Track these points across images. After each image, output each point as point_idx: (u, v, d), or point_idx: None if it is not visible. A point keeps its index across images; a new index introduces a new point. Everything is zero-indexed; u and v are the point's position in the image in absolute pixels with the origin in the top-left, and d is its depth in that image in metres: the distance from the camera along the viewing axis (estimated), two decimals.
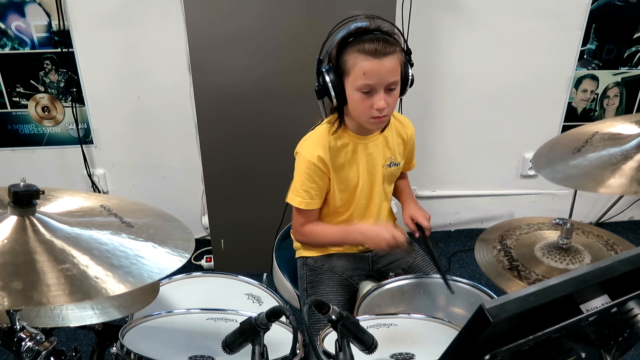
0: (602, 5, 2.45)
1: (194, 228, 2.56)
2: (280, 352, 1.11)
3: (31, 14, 2.25)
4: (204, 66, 2.13)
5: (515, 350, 0.66)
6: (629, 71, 2.63)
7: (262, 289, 1.42)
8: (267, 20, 2.09)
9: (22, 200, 0.91)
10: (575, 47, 2.54)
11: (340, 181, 1.49)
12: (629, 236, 2.91)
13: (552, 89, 2.63)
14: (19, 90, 2.39)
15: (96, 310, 1.21)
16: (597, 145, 1.24)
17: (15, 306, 0.84)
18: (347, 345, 0.97)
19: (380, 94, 1.32)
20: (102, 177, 2.60)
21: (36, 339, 0.95)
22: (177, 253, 0.97)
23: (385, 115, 1.35)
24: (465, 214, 2.93)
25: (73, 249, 0.88)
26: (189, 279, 1.42)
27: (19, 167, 2.54)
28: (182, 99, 2.40)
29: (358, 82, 1.31)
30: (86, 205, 1.07)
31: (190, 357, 1.15)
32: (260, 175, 2.33)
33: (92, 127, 2.50)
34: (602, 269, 0.69)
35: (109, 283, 0.83)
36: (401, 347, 1.17)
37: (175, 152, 2.58)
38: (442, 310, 1.43)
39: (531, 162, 1.31)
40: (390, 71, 1.31)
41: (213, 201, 2.39)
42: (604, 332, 0.81)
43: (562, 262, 1.30)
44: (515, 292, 0.63)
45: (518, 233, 1.43)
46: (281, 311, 0.95)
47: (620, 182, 1.09)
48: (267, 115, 2.23)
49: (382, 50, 1.28)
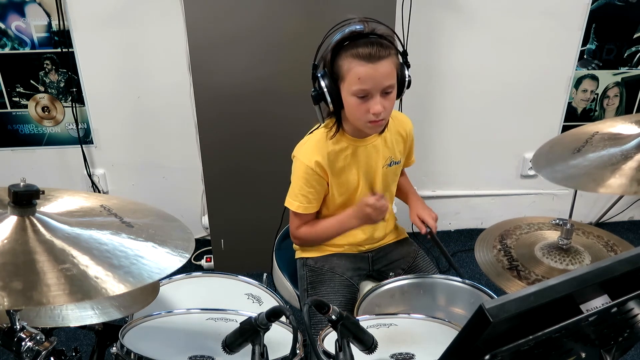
0: (602, 5, 2.45)
1: (194, 228, 2.56)
2: (280, 352, 1.11)
3: (31, 14, 2.25)
4: (204, 66, 2.13)
5: (515, 350, 0.66)
6: (629, 71, 2.63)
7: (262, 289, 1.42)
8: (267, 20, 2.09)
9: (22, 200, 0.91)
10: (575, 47, 2.54)
11: (340, 184, 1.49)
12: (629, 236, 2.91)
13: (552, 89, 2.63)
14: (19, 90, 2.39)
15: (96, 310, 1.21)
16: (597, 145, 1.24)
17: (15, 306, 0.84)
18: (347, 345, 0.97)
19: (376, 98, 1.31)
20: (102, 177, 2.60)
21: (36, 339, 0.95)
22: (177, 253, 0.97)
23: (383, 119, 1.35)
24: (465, 214, 2.93)
25: (73, 249, 0.88)
26: (189, 279, 1.42)
27: (19, 167, 2.54)
28: (182, 99, 2.40)
29: (353, 87, 1.30)
30: (86, 205, 1.07)
31: (190, 357, 1.15)
32: (260, 175, 2.33)
33: (92, 127, 2.50)
34: (602, 269, 0.69)
35: (109, 283, 0.83)
36: (401, 347, 1.17)
37: (175, 152, 2.58)
38: (442, 310, 1.43)
39: (531, 162, 1.31)
40: (386, 75, 1.30)
41: (213, 201, 2.39)
42: (604, 332, 0.81)
43: (562, 262, 1.29)
44: (515, 292, 0.63)
45: (518, 233, 1.43)
46: (281, 311, 0.95)
47: (620, 182, 1.09)
48: (267, 115, 2.23)
49: (377, 55, 1.27)
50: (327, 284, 1.52)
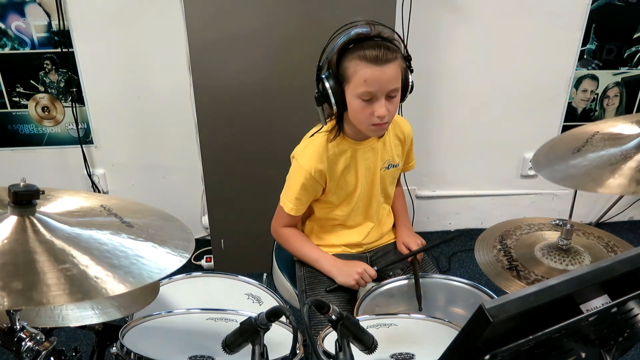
0: (602, 5, 2.45)
1: (194, 228, 2.57)
2: (280, 352, 1.11)
3: (31, 14, 2.25)
4: (204, 66, 2.13)
5: (515, 350, 0.66)
6: (629, 71, 2.63)
7: (262, 289, 1.42)
8: (267, 21, 2.08)
9: (22, 200, 0.91)
10: (575, 47, 2.54)
11: (339, 186, 1.49)
12: (629, 236, 2.91)
13: (552, 89, 2.63)
14: (19, 90, 2.39)
15: (96, 310, 1.21)
16: (597, 145, 1.23)
17: (15, 306, 0.83)
18: (347, 345, 0.97)
19: (381, 102, 1.31)
20: (102, 177, 2.60)
21: (36, 339, 0.95)
22: (177, 253, 0.96)
23: (386, 122, 1.35)
24: (465, 214, 2.93)
25: (73, 249, 0.88)
26: (189, 279, 1.42)
27: (19, 167, 2.54)
28: (182, 99, 2.40)
29: (359, 89, 1.30)
30: (86, 205, 1.07)
31: (190, 357, 1.15)
32: (260, 175, 2.33)
33: (92, 127, 2.50)
34: (602, 269, 0.69)
35: (109, 283, 0.83)
36: (401, 347, 1.17)
37: (175, 152, 2.58)
38: (442, 310, 1.43)
39: (531, 162, 1.31)
40: (391, 78, 1.30)
41: (213, 201, 2.39)
42: (604, 332, 0.81)
43: (561, 263, 1.29)
44: (515, 292, 0.63)
45: (518, 233, 1.43)
46: (281, 311, 0.95)
47: (619, 182, 1.09)
48: (267, 115, 2.24)
49: (384, 57, 1.27)
50: (327, 283, 1.52)
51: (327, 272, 1.51)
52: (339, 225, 1.58)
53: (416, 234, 1.63)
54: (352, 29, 1.31)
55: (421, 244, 1.57)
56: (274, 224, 1.58)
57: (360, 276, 1.44)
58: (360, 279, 1.45)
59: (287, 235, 1.57)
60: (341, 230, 1.59)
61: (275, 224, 1.58)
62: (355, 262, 1.50)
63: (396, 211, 1.70)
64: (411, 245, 1.57)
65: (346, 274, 1.46)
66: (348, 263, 1.50)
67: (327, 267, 1.51)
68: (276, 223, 1.57)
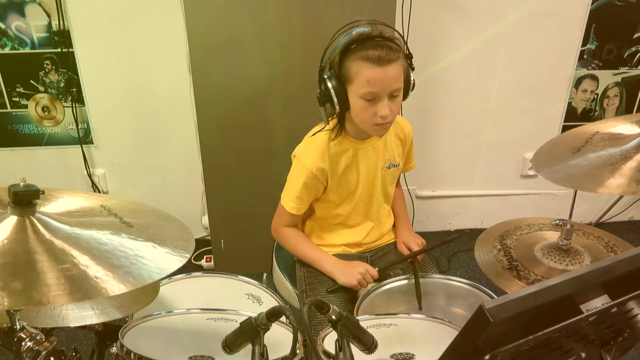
0: (602, 5, 2.45)
1: (194, 228, 2.56)
2: (280, 352, 1.11)
3: (31, 14, 2.25)
4: (204, 66, 2.13)
5: (515, 350, 0.66)
6: (629, 71, 2.63)
7: (262, 289, 1.42)
8: (267, 21, 2.08)
9: (22, 200, 0.91)
10: (575, 47, 2.54)
11: (340, 186, 1.49)
12: (629, 236, 2.91)
13: (552, 89, 2.63)
14: (19, 90, 2.39)
15: (96, 310, 1.21)
16: (597, 145, 1.24)
17: (15, 306, 0.83)
18: (347, 345, 0.97)
19: (384, 102, 1.31)
20: (102, 177, 2.60)
21: (36, 339, 0.95)
22: (177, 253, 0.96)
23: (389, 122, 1.35)
24: (465, 214, 2.93)
25: (73, 249, 0.88)
26: (189, 279, 1.42)
27: (19, 167, 2.54)
28: (182, 99, 2.40)
29: (362, 89, 1.30)
30: (86, 205, 1.07)
31: (190, 357, 1.15)
32: (260, 175, 2.33)
33: (92, 127, 2.50)
34: (602, 269, 0.69)
35: (109, 283, 0.83)
36: (401, 347, 1.17)
37: (175, 152, 2.58)
38: (442, 310, 1.43)
39: (531, 162, 1.31)
40: (394, 78, 1.30)
41: (213, 201, 2.39)
42: (604, 332, 0.81)
43: (561, 263, 1.29)
44: (515, 292, 0.63)
45: (518, 233, 1.43)
46: (281, 311, 0.95)
47: (619, 182, 1.09)
48: (267, 115, 2.23)
49: (386, 58, 1.27)
50: (327, 283, 1.52)
51: (329, 273, 1.51)
52: (339, 225, 1.59)
53: (416, 234, 1.63)
54: (354, 29, 1.31)
55: (421, 243, 1.57)
56: (275, 224, 1.58)
57: (363, 276, 1.44)
58: (363, 279, 1.45)
59: (287, 235, 1.57)
60: (341, 229, 1.59)
61: (275, 223, 1.58)
62: (357, 263, 1.50)
63: (396, 211, 1.70)
64: (411, 245, 1.57)
65: (348, 275, 1.46)
66: (349, 263, 1.50)
67: (328, 268, 1.51)
68: (277, 223, 1.57)
